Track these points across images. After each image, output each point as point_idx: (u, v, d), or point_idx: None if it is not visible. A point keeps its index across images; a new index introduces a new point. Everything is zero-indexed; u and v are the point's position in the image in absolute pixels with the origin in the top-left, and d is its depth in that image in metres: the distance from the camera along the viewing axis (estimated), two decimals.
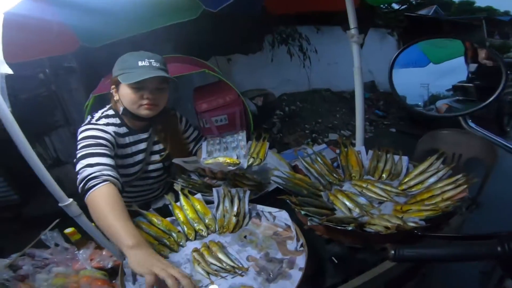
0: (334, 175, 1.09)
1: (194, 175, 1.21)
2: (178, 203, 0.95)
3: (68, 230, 0.94)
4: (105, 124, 1.02)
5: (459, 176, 0.85)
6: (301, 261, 0.72)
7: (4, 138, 0.81)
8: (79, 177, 0.83)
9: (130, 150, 1.10)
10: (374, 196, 0.93)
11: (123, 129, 1.08)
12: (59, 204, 0.85)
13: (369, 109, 5.86)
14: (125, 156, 1.09)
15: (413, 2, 8.05)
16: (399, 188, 0.96)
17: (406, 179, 0.99)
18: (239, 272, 0.71)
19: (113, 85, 1.05)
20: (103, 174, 0.81)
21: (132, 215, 0.84)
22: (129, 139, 1.10)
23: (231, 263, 0.73)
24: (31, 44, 1.29)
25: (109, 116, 1.07)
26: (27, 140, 0.80)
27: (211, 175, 1.11)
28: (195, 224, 0.87)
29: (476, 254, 0.45)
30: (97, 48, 1.68)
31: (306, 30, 5.54)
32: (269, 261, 0.74)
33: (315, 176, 1.08)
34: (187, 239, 0.85)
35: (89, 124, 1.00)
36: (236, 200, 0.92)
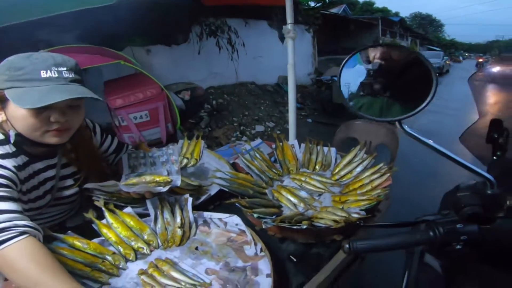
0: (274, 170, 1.11)
1: None
2: (104, 221, 0.80)
3: None
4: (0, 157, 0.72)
5: (381, 165, 0.98)
6: (265, 267, 0.70)
7: None
8: None
9: (36, 181, 0.82)
10: (313, 188, 0.98)
11: (21, 159, 0.77)
12: None
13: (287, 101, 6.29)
14: (30, 190, 0.81)
15: (326, 1, 8.91)
16: (332, 179, 1.04)
17: (337, 170, 1.08)
18: None
19: None
20: (17, 225, 0.60)
21: (46, 240, 0.68)
22: (32, 169, 0.81)
23: (190, 280, 0.65)
24: None
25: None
26: None
27: (139, 196, 0.88)
28: (132, 243, 0.75)
29: (415, 240, 0.51)
30: None
31: (235, 23, 5.52)
32: (231, 271, 0.69)
33: (257, 173, 1.07)
34: (127, 260, 0.72)
35: None
36: (177, 209, 0.83)
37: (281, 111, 5.65)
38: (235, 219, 0.79)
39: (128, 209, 0.83)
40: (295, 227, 0.75)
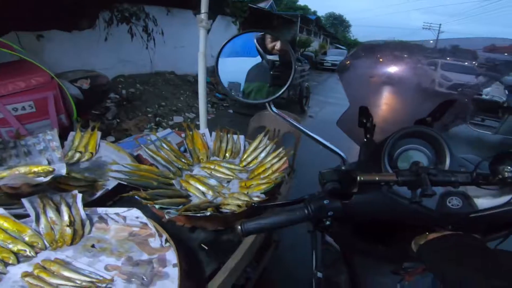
0: (183, 160, 1.09)
1: None
2: None
3: None
4: None
5: (280, 150, 1.07)
6: (172, 257, 0.68)
7: None
8: None
9: None
10: (222, 176, 1.00)
11: None
12: None
13: (210, 92, 6.22)
14: None
15: None
16: (240, 165, 1.08)
17: (245, 156, 1.13)
18: (103, 286, 0.59)
19: None
20: None
21: None
22: None
23: (86, 278, 0.59)
24: None
25: None
26: None
27: (13, 191, 0.77)
28: (9, 245, 0.64)
29: (295, 218, 0.53)
30: None
31: (155, 11, 5.15)
32: (136, 265, 0.65)
33: (163, 164, 1.03)
34: (7, 264, 0.62)
35: None
36: (64, 207, 0.73)
37: None
38: (134, 212, 0.74)
39: (1, 211, 0.69)
40: (199, 215, 0.75)
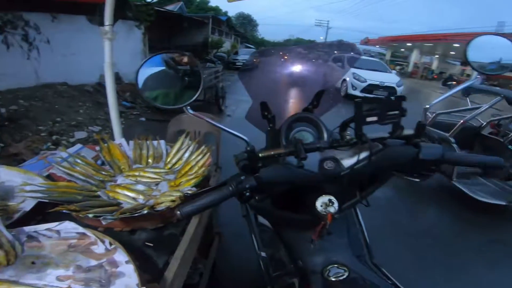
0: (103, 172, 1.08)
1: None
2: None
3: None
4: None
5: (203, 148, 1.18)
6: (121, 256, 0.69)
7: None
8: None
9: None
10: (149, 180, 1.04)
11: None
12: None
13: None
14: None
15: None
16: (166, 168, 1.14)
17: (168, 159, 1.18)
18: None
19: None
20: None
21: None
22: None
23: None
24: None
25: None
26: None
27: None
28: None
29: (223, 195, 0.63)
30: None
31: (37, 18, 4.47)
32: (88, 271, 0.64)
33: (82, 179, 1.00)
34: None
35: None
36: None
37: (107, 112, 5.06)
38: (67, 225, 0.73)
39: None
40: (136, 214, 0.79)
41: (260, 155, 0.67)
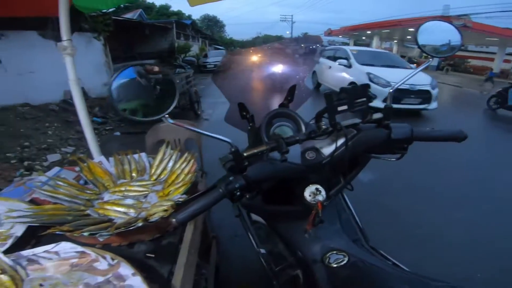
0: (88, 191, 1.07)
1: None
2: None
3: None
4: None
5: (186, 155, 1.21)
6: (126, 269, 0.70)
7: None
8: None
9: None
10: (137, 194, 1.06)
11: None
12: None
13: None
14: None
15: (122, 6, 8.23)
16: (152, 180, 1.16)
17: (153, 170, 1.20)
18: None
19: None
20: None
21: None
22: None
23: None
24: None
25: None
26: None
27: None
28: None
29: (214, 198, 0.67)
30: None
31: None
32: (97, 287, 0.66)
33: (68, 200, 1.00)
34: None
35: None
36: None
37: (79, 131, 4.85)
38: (64, 245, 0.73)
39: None
40: (132, 228, 0.80)
41: (244, 154, 0.72)
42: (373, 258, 0.77)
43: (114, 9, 7.97)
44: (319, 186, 0.80)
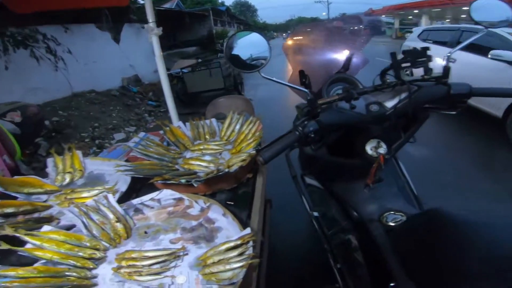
0: (172, 151, 1.23)
1: None
2: (28, 246, 0.71)
3: None
4: None
5: (251, 118, 1.30)
6: (217, 212, 0.81)
7: None
8: None
9: None
10: (213, 151, 1.19)
11: None
12: None
13: (142, 102, 6.00)
14: None
15: None
16: (223, 140, 1.28)
17: (223, 133, 1.32)
18: (181, 254, 0.70)
19: None
20: None
21: None
22: None
23: (166, 252, 0.69)
24: None
25: None
26: None
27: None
28: (80, 253, 0.71)
29: (293, 138, 0.73)
30: None
31: (51, 31, 4.68)
32: (192, 231, 0.77)
33: (157, 158, 1.16)
34: (90, 269, 0.69)
35: None
36: (103, 207, 0.83)
37: (137, 113, 5.34)
38: (166, 192, 0.87)
39: (47, 227, 0.76)
40: (221, 173, 0.93)
41: (319, 102, 0.78)
42: (430, 219, 0.74)
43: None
44: (380, 141, 0.83)
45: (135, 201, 0.89)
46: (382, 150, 0.83)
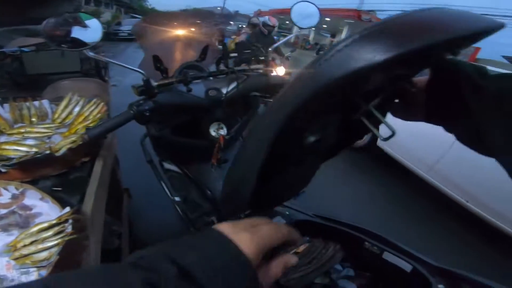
0: None
1: None
2: None
3: None
4: None
5: (94, 100, 1.20)
6: (34, 196, 0.75)
7: None
8: None
9: None
10: (39, 135, 1.03)
11: None
12: None
13: None
14: None
15: None
16: (56, 123, 1.13)
17: (56, 115, 1.16)
18: None
19: None
20: None
21: None
22: None
23: None
24: None
25: None
26: None
27: None
28: None
29: (127, 117, 0.77)
30: None
31: None
32: (1, 219, 0.69)
33: None
34: None
35: None
36: None
37: None
38: None
39: None
40: (39, 157, 0.82)
41: (155, 83, 0.84)
42: None
43: None
44: (221, 123, 0.98)
45: None
46: (223, 131, 0.97)
